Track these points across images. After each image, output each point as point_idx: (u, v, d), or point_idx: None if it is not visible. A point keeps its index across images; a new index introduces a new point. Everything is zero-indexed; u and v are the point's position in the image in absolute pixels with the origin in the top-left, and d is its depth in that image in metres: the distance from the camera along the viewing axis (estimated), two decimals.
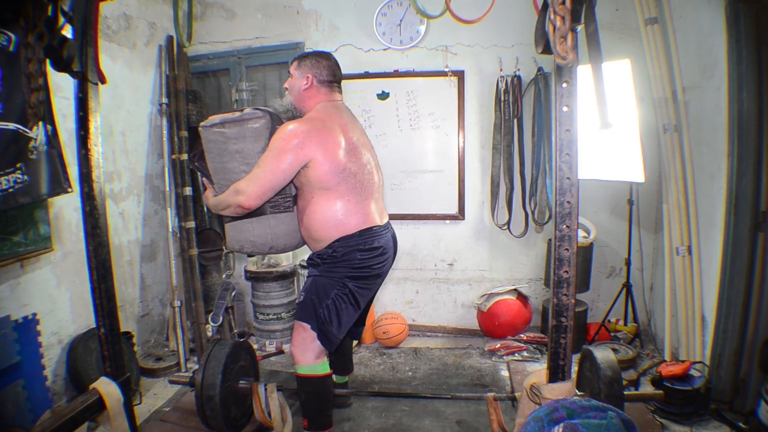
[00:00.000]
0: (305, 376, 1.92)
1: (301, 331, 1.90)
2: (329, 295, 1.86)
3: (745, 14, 2.09)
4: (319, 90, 1.94)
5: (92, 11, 1.60)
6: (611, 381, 1.70)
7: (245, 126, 1.80)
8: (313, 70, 1.92)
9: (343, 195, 1.83)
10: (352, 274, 1.87)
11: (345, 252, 1.85)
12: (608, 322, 3.05)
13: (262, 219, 1.89)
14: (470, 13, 2.87)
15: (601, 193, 3.16)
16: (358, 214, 1.86)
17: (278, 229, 1.91)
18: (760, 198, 2.15)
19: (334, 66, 1.97)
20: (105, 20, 2.76)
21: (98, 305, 1.71)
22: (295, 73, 1.96)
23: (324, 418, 1.97)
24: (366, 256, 1.87)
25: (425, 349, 3.20)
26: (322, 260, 1.89)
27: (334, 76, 1.97)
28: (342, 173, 1.81)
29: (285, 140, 1.74)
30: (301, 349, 1.90)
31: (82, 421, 1.64)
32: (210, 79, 3.55)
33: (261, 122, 1.81)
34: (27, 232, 2.18)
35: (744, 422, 2.07)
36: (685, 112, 2.56)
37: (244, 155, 1.81)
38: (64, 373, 2.40)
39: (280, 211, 1.90)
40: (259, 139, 1.81)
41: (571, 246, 1.46)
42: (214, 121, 1.82)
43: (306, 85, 1.93)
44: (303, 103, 1.96)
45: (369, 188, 1.90)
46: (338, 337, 1.90)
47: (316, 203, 1.84)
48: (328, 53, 2.01)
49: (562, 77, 1.42)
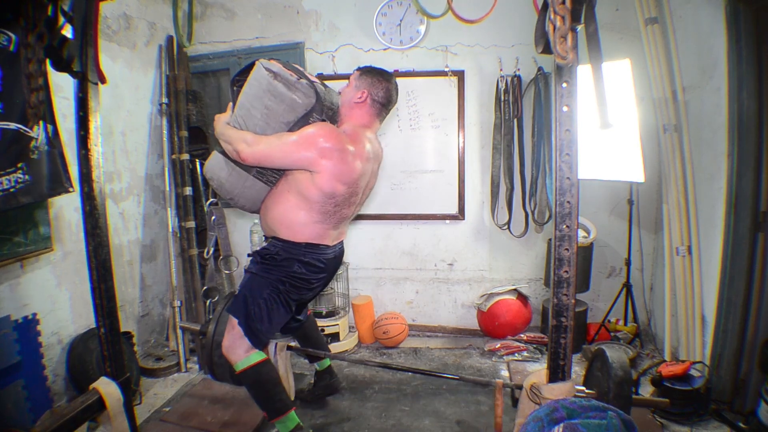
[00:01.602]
0: (242, 371, 1.93)
1: (230, 328, 1.94)
2: (262, 294, 1.89)
3: (745, 14, 2.09)
4: (368, 110, 1.93)
5: (92, 11, 1.60)
6: (622, 381, 1.68)
7: (291, 92, 1.77)
8: (372, 88, 1.91)
9: (313, 210, 1.85)
10: (285, 279, 1.90)
11: (285, 257, 1.88)
12: (608, 322, 3.05)
13: (243, 173, 1.89)
14: (472, 13, 2.87)
15: (601, 193, 3.16)
16: (313, 230, 1.88)
17: (248, 191, 1.93)
18: (760, 198, 2.15)
19: (393, 90, 1.95)
20: (105, 20, 2.76)
21: (98, 305, 1.71)
22: (353, 83, 1.95)
23: (277, 402, 1.95)
24: (303, 270, 1.90)
25: (425, 349, 3.20)
26: (262, 258, 1.92)
27: (389, 101, 1.96)
28: (329, 198, 1.83)
29: (316, 139, 1.74)
30: (232, 347, 1.93)
31: (82, 421, 1.64)
32: (210, 79, 3.55)
33: (305, 100, 1.79)
34: (27, 232, 2.18)
35: (744, 422, 2.07)
36: (685, 112, 2.56)
37: (270, 114, 1.79)
38: (64, 373, 2.40)
39: (263, 180, 1.91)
40: (291, 111, 1.79)
41: (571, 246, 1.46)
42: (272, 68, 1.77)
43: (359, 100, 1.92)
44: (347, 112, 1.95)
45: (338, 218, 1.92)
46: (267, 334, 1.94)
47: (287, 200, 1.87)
48: (390, 74, 1.98)
49: (562, 77, 1.42)
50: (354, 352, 3.21)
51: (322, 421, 2.34)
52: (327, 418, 2.35)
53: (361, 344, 3.31)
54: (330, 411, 2.41)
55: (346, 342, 3.18)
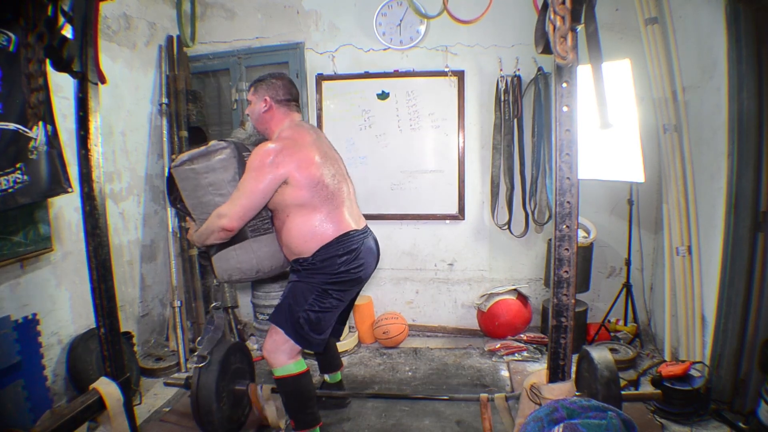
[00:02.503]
0: (281, 378, 1.95)
1: (273, 334, 1.93)
2: (307, 300, 1.88)
3: (745, 14, 2.09)
4: (278, 110, 1.99)
5: (92, 11, 1.61)
6: (609, 381, 1.70)
7: (212, 158, 1.87)
8: (269, 92, 1.98)
9: (317, 207, 1.87)
10: (331, 280, 1.90)
11: (324, 259, 1.88)
12: (608, 322, 3.05)
13: (244, 244, 1.93)
14: (468, 13, 2.87)
15: (601, 193, 3.15)
16: (332, 222, 1.90)
17: (261, 251, 1.96)
18: (760, 198, 2.15)
19: (288, 84, 2.02)
20: (105, 20, 2.76)
21: (98, 305, 1.72)
22: (252, 99, 2.01)
23: (308, 415, 1.98)
24: (344, 260, 1.90)
25: (425, 349, 3.20)
26: (302, 267, 1.92)
27: (291, 94, 2.03)
28: (315, 186, 1.85)
29: (261, 161, 1.79)
30: (273, 351, 1.93)
31: (82, 421, 1.64)
32: (210, 79, 3.55)
33: (226, 152, 1.88)
34: (27, 232, 2.18)
35: (744, 422, 2.07)
36: (685, 112, 2.56)
37: (216, 186, 1.88)
38: (64, 373, 2.40)
39: (261, 233, 1.96)
40: (227, 169, 1.88)
41: (571, 246, 1.46)
42: (183, 159, 1.89)
43: (265, 108, 1.98)
44: (265, 126, 2.02)
45: (339, 197, 1.94)
46: (319, 340, 1.94)
47: (292, 220, 1.88)
48: (281, 74, 2.07)
49: (562, 77, 1.42)
50: (354, 352, 3.21)
51: (323, 421, 2.34)
52: (327, 418, 2.34)
53: (361, 344, 3.31)
54: (330, 411, 2.41)
55: (346, 342, 3.18)
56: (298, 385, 1.95)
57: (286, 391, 1.97)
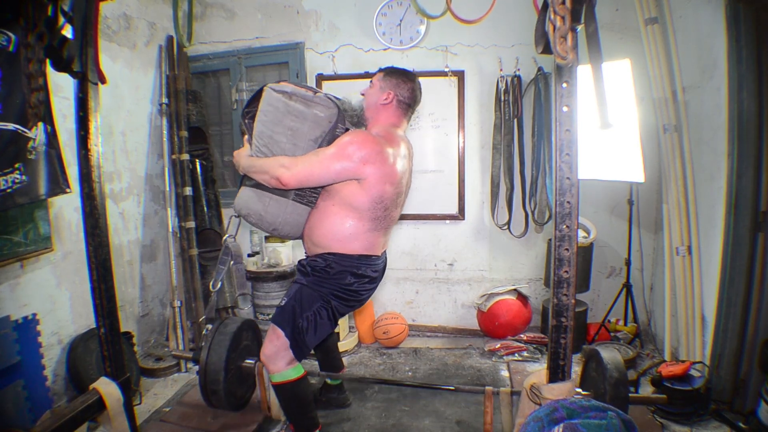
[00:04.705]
0: (280, 384, 1.92)
1: (274, 338, 1.89)
2: (312, 307, 1.85)
3: (745, 14, 2.09)
4: (396, 110, 1.92)
5: (92, 11, 1.60)
6: (618, 382, 1.68)
7: (311, 108, 1.76)
8: (398, 89, 1.90)
9: (362, 218, 1.81)
10: (338, 293, 1.88)
11: (338, 271, 1.85)
12: (608, 322, 3.05)
13: (282, 200, 1.84)
14: (471, 13, 2.86)
15: (601, 193, 3.16)
16: (364, 241, 1.85)
17: (291, 217, 1.87)
18: (760, 198, 2.15)
19: (416, 91, 1.95)
20: (105, 20, 2.76)
21: (98, 305, 1.71)
22: (377, 84, 1.92)
23: (307, 420, 1.97)
24: (356, 282, 1.88)
25: (425, 349, 3.20)
26: (313, 271, 1.88)
27: (415, 100, 1.95)
28: (378, 203, 1.80)
29: (355, 148, 1.71)
30: (273, 357, 1.89)
31: (82, 421, 1.64)
32: (210, 79, 3.55)
33: (327, 113, 1.77)
34: (27, 232, 2.18)
35: (744, 422, 2.07)
36: (685, 112, 2.56)
37: (295, 134, 1.76)
38: (64, 373, 2.40)
39: (303, 202, 1.86)
40: (317, 126, 1.77)
41: (571, 246, 1.46)
42: (284, 89, 1.76)
43: (386, 102, 1.90)
44: (374, 116, 1.93)
45: (386, 222, 1.89)
46: (310, 347, 1.93)
47: (335, 213, 1.82)
48: (414, 75, 1.98)
49: (562, 77, 1.41)
50: (354, 352, 3.21)
51: (322, 421, 2.33)
52: (327, 418, 2.34)
53: (361, 344, 3.31)
54: (330, 411, 2.41)
55: (346, 342, 3.18)
56: (296, 390, 1.93)
57: (285, 397, 1.96)
